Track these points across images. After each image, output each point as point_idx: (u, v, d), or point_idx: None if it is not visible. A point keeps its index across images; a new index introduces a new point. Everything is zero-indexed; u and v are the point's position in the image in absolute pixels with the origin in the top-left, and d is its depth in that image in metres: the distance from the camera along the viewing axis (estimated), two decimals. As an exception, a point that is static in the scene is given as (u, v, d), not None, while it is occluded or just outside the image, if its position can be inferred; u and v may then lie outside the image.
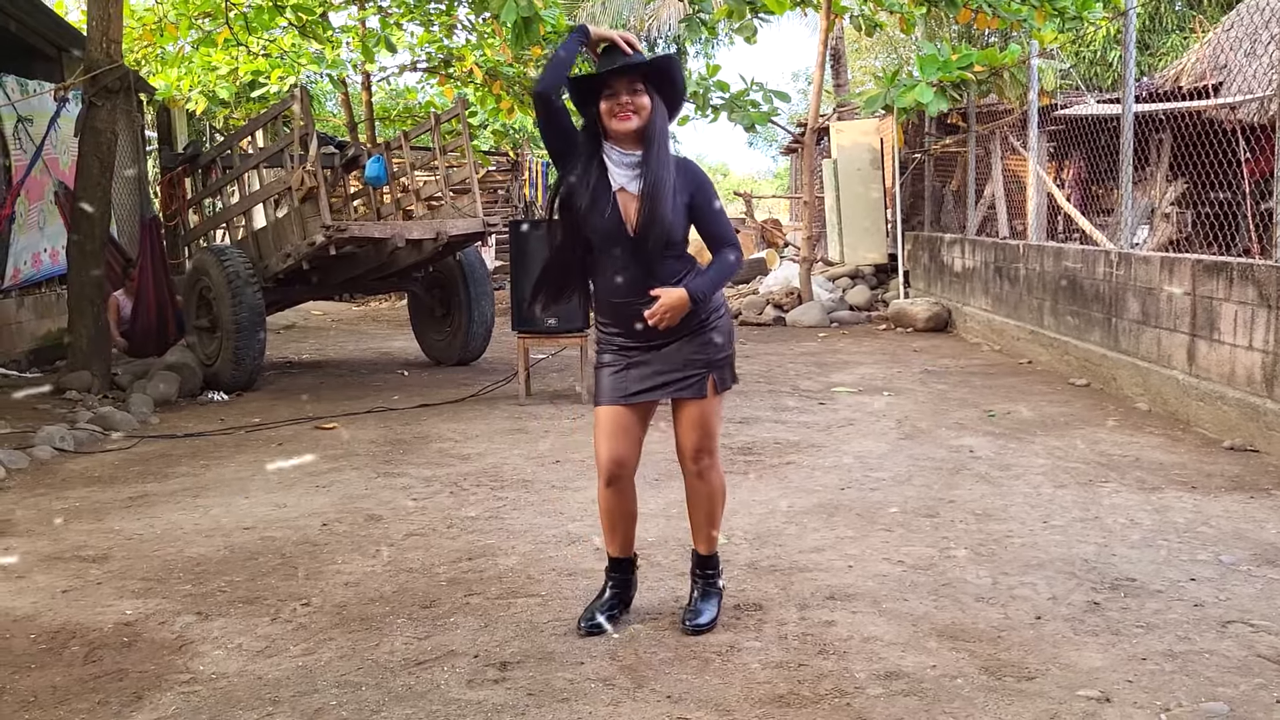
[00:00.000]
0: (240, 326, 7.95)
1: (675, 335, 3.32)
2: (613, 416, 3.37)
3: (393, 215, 9.56)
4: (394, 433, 6.63)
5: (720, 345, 3.39)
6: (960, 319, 11.32)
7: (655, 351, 3.34)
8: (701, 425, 3.39)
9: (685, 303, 3.23)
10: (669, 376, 3.34)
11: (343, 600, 3.77)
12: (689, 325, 3.31)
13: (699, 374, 3.34)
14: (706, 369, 3.35)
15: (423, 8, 13.18)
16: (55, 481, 5.59)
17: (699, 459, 3.42)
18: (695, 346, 3.34)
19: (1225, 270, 6.13)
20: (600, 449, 3.40)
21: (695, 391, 3.35)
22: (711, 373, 3.36)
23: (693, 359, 3.34)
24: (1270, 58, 9.05)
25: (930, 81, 10.68)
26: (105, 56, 7.73)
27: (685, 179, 3.30)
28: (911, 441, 6.12)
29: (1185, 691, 2.96)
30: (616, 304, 3.33)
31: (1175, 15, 19.12)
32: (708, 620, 3.44)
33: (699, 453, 3.42)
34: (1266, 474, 5.24)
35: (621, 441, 3.37)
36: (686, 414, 3.40)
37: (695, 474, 3.45)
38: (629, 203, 3.23)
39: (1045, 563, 4.02)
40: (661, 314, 3.21)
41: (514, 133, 22.07)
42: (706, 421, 3.40)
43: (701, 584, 3.55)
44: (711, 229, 3.37)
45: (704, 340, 3.35)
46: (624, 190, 3.23)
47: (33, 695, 3.08)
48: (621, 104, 3.18)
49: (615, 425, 3.37)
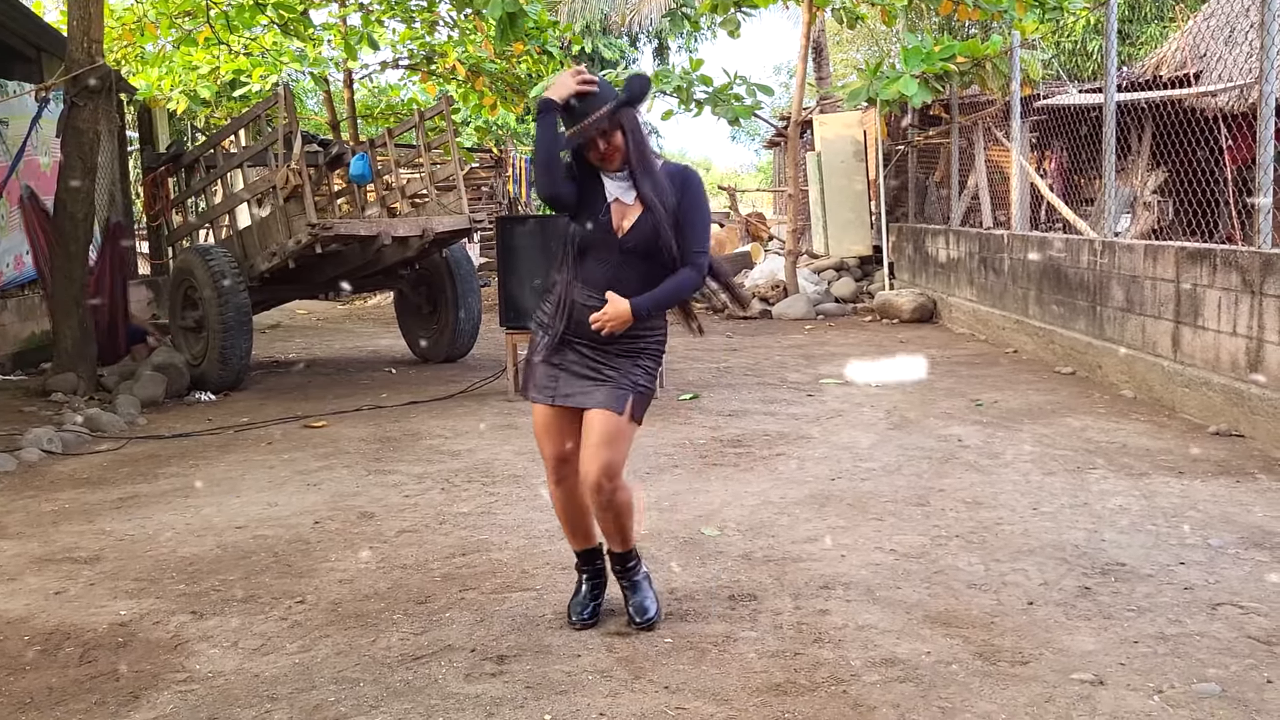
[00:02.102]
0: (227, 326, 7.92)
1: (612, 346, 3.30)
2: (548, 416, 3.36)
3: (378, 213, 9.54)
4: (384, 430, 6.62)
5: (643, 377, 3.32)
6: (946, 309, 11.37)
7: (590, 358, 3.30)
8: (609, 444, 3.23)
9: (626, 315, 3.21)
10: (596, 387, 3.28)
11: (337, 597, 3.77)
12: (627, 343, 3.29)
13: (623, 391, 3.28)
14: (629, 390, 3.28)
15: (404, 4, 13.15)
16: (44, 484, 5.57)
17: (600, 485, 3.24)
18: (626, 367, 3.30)
19: (1209, 257, 6.17)
20: (544, 448, 3.39)
21: (615, 405, 3.25)
22: (633, 394, 3.29)
23: (622, 376, 3.29)
24: (1249, 45, 9.11)
25: (913, 73, 10.72)
26: (86, 56, 7.68)
27: (677, 185, 3.32)
28: (900, 431, 6.15)
29: (1177, 673, 3.00)
30: (581, 300, 3.29)
31: (1154, 4, 19.23)
32: (654, 610, 3.43)
33: (602, 478, 3.23)
34: (1251, 458, 5.29)
35: (559, 440, 3.35)
36: (595, 429, 3.25)
37: (599, 503, 3.30)
38: (620, 211, 3.28)
39: (1036, 549, 4.05)
40: (604, 321, 3.21)
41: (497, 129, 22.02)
42: (616, 441, 3.25)
43: (626, 579, 3.50)
44: (682, 239, 3.28)
45: (633, 364, 3.31)
46: (619, 201, 3.28)
47: (29, 697, 3.07)
48: (600, 152, 3.23)
49: (549, 425, 3.36)
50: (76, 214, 7.83)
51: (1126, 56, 17.31)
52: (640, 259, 3.26)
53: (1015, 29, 10.57)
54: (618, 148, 3.23)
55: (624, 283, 3.25)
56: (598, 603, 3.51)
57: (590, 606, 3.49)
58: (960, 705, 2.84)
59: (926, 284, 12.22)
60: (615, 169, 3.27)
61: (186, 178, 9.67)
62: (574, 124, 3.19)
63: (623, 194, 3.28)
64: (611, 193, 3.29)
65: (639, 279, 3.26)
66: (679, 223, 3.28)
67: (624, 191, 3.28)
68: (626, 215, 3.27)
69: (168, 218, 9.86)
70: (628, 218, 3.27)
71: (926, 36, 12.26)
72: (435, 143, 9.77)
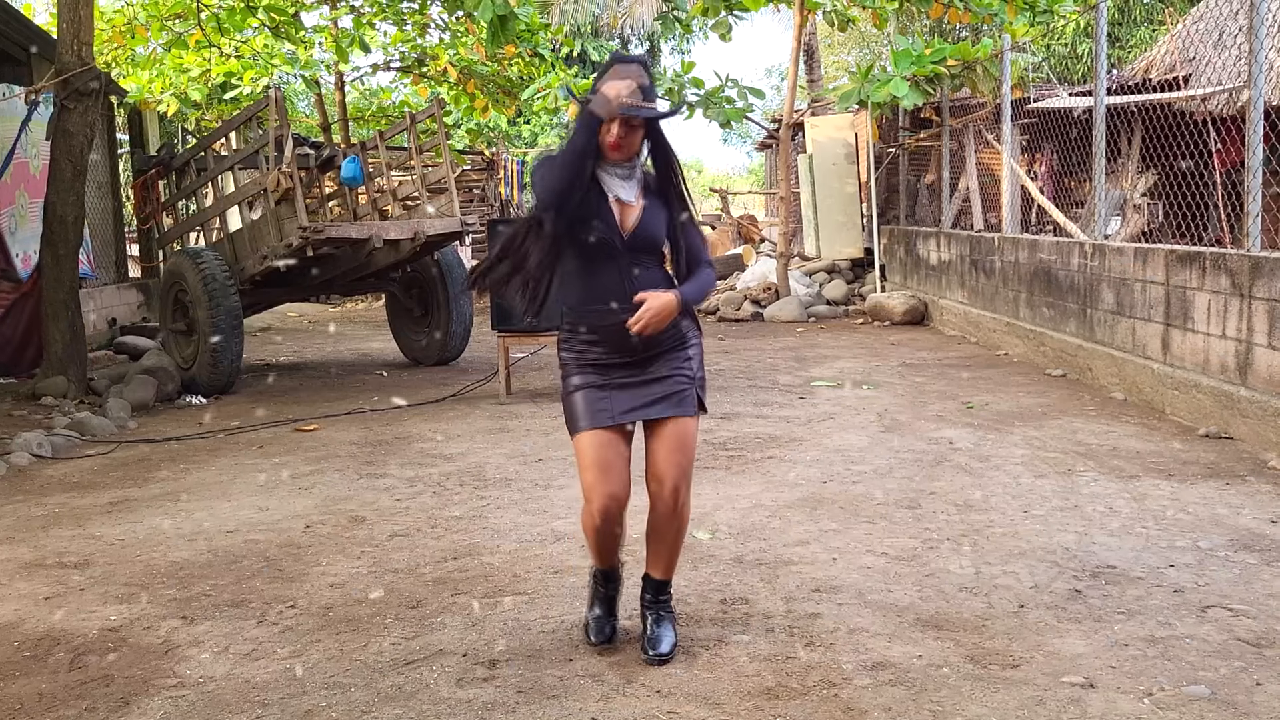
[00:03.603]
0: (218, 329, 7.91)
1: (656, 349, 3.16)
2: (602, 443, 3.12)
3: (369, 216, 9.53)
4: (375, 434, 6.61)
5: (698, 364, 3.26)
6: (937, 312, 11.39)
7: (638, 368, 3.16)
8: (684, 449, 3.15)
9: (674, 307, 3.08)
10: (658, 393, 3.15)
11: (329, 602, 3.76)
12: (670, 338, 3.18)
13: (685, 389, 3.17)
14: (690, 384, 3.19)
15: (395, 7, 13.15)
16: (34, 488, 5.55)
17: (678, 491, 3.15)
18: (678, 362, 3.19)
19: (1198, 260, 6.20)
20: (593, 484, 3.12)
21: (685, 408, 3.16)
22: (694, 389, 3.20)
23: (677, 373, 3.18)
24: (1239, 49, 9.16)
25: (904, 76, 10.74)
26: (76, 59, 7.66)
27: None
28: (892, 434, 6.16)
29: (1167, 676, 3.01)
30: (599, 312, 3.13)
31: (1144, 8, 19.30)
32: (669, 647, 3.21)
33: (679, 485, 3.15)
34: (1241, 460, 5.31)
35: (615, 474, 3.11)
36: (669, 436, 3.15)
37: (672, 508, 3.17)
38: (621, 211, 3.14)
39: (1027, 552, 4.06)
40: (649, 319, 3.04)
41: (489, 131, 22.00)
42: (689, 444, 3.17)
43: (655, 610, 3.30)
44: (690, 243, 3.24)
45: (685, 356, 3.21)
46: (618, 200, 3.13)
47: (19, 703, 3.06)
48: (618, 137, 3.05)
49: (606, 454, 3.11)
50: (66, 217, 7.80)
51: (1116, 59, 17.37)
52: (644, 259, 3.15)
53: (1006, 32, 10.61)
54: (629, 147, 3.09)
55: (633, 285, 3.11)
56: (615, 619, 3.37)
57: (610, 624, 3.35)
58: (951, 709, 2.85)
59: (918, 286, 12.25)
60: (622, 159, 3.11)
61: (177, 181, 9.66)
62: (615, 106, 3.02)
63: (624, 192, 3.14)
64: (611, 190, 3.14)
65: (646, 280, 3.13)
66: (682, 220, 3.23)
67: (625, 190, 3.15)
68: (629, 214, 3.14)
69: (158, 221, 9.84)
70: (630, 216, 3.14)
71: (917, 39, 12.28)
72: (427, 145, 9.78)
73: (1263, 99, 5.81)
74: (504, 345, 7.65)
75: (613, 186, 3.15)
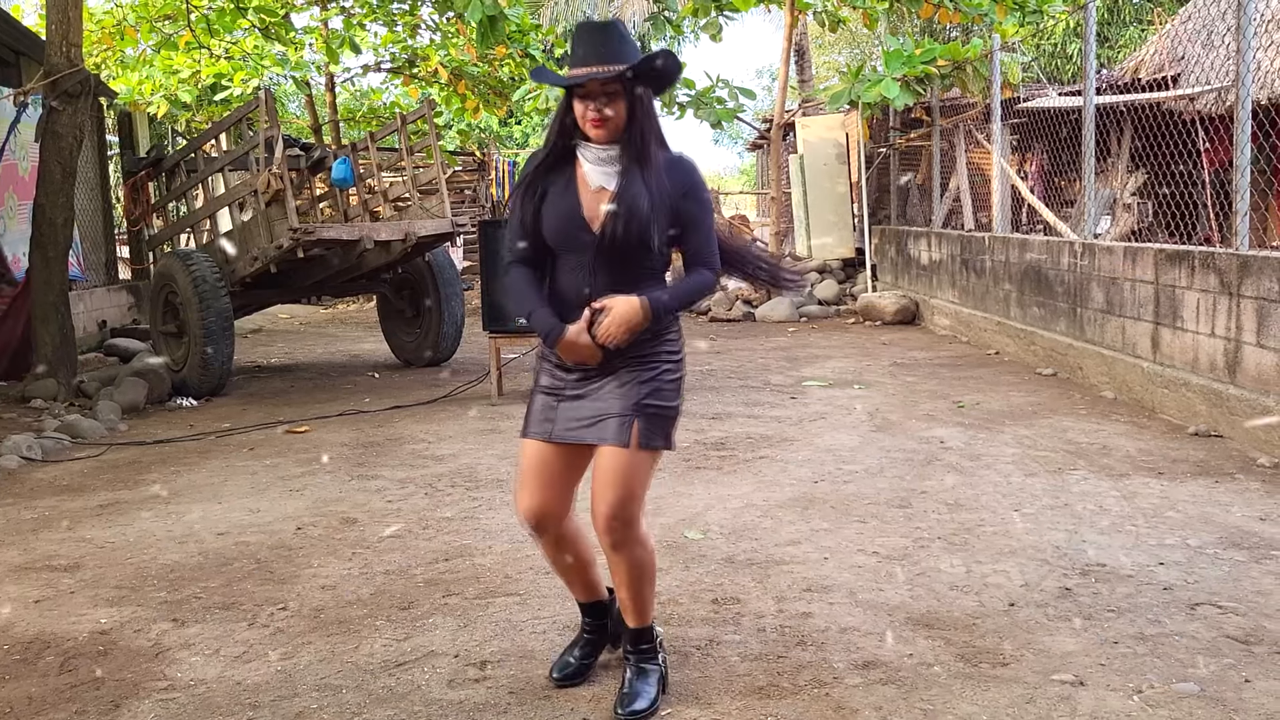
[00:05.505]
0: (208, 331, 7.89)
1: (618, 363, 2.79)
2: (537, 456, 2.85)
3: (360, 217, 9.52)
4: (366, 435, 6.60)
5: (668, 387, 2.82)
6: (928, 311, 11.41)
7: (598, 377, 2.81)
8: (617, 483, 2.74)
9: (637, 314, 2.70)
10: (602, 412, 2.79)
11: (320, 604, 3.76)
12: (637, 350, 2.78)
13: (628, 416, 2.75)
14: (634, 414, 2.75)
15: (386, 8, 13.14)
16: (23, 491, 5.53)
17: (611, 527, 2.76)
18: (635, 382, 2.78)
19: (1187, 259, 6.22)
20: (519, 491, 2.89)
21: (620, 437, 2.75)
22: (639, 419, 2.75)
23: (632, 396, 2.77)
24: (1227, 49, 9.18)
25: (895, 76, 10.77)
26: (65, 60, 7.65)
27: (677, 179, 2.80)
28: (883, 434, 6.17)
29: (1157, 673, 3.02)
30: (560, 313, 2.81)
31: (1133, 8, 19.37)
32: (645, 706, 2.82)
33: (612, 519, 2.76)
34: (1230, 458, 5.33)
35: (544, 490, 2.84)
36: (603, 466, 2.77)
37: (610, 545, 2.79)
38: (601, 200, 2.76)
39: (1017, 550, 4.07)
40: (609, 328, 2.70)
41: (480, 132, 21.99)
42: (627, 477, 2.74)
43: (635, 661, 2.93)
44: (693, 243, 2.83)
45: (650, 375, 2.79)
46: (602, 189, 2.76)
47: (9, 706, 3.05)
48: (593, 110, 2.70)
49: (538, 468, 2.85)
50: (55, 219, 7.78)
51: (1106, 59, 17.43)
52: (618, 260, 2.75)
53: (996, 32, 10.64)
54: (608, 120, 2.71)
55: (594, 287, 2.76)
56: (586, 663, 3.06)
57: (574, 666, 3.04)
58: (942, 707, 2.86)
59: (909, 286, 12.27)
60: (605, 141, 2.74)
61: (167, 182, 9.63)
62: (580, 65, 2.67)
63: (606, 180, 2.76)
64: (593, 180, 2.77)
65: (620, 283, 2.76)
66: (688, 216, 2.80)
67: (607, 178, 2.76)
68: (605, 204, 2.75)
69: (148, 222, 9.81)
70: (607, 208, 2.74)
71: (908, 39, 12.31)
72: (418, 146, 9.77)
73: (1250, 98, 5.83)
74: (495, 346, 7.64)
75: (593, 176, 2.78)
